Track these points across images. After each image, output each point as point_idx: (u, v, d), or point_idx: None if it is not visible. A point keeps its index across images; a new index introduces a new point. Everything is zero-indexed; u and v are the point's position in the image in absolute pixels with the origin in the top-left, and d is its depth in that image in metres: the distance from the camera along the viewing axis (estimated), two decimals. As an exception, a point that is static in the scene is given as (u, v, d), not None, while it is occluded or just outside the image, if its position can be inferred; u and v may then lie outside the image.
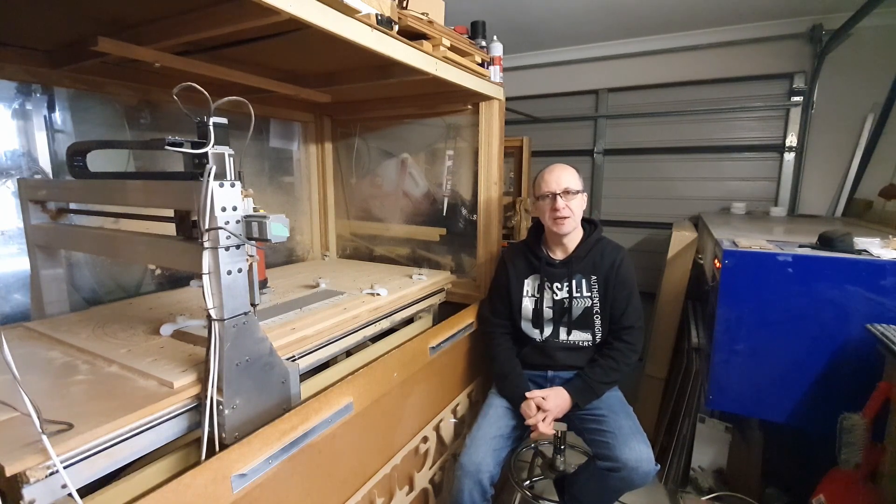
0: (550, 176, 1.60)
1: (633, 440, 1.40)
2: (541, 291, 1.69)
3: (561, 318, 1.67)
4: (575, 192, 1.59)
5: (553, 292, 1.67)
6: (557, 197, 1.57)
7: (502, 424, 1.58)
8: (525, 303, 1.71)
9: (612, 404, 1.57)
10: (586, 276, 1.65)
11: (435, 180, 2.27)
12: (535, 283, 1.71)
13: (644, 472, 1.37)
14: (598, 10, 2.74)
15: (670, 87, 3.29)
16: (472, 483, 1.45)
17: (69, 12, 1.12)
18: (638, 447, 1.38)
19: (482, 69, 1.84)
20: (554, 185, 1.58)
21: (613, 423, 1.48)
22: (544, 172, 1.63)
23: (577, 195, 1.60)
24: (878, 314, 1.49)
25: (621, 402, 1.61)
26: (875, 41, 2.66)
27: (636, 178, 3.49)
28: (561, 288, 1.66)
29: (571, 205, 1.59)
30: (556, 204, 1.57)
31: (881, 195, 2.53)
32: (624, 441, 1.40)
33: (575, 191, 1.59)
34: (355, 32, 1.15)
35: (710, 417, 2.19)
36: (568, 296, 1.65)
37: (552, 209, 1.59)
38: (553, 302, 1.67)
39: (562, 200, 1.57)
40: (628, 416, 1.53)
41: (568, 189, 1.57)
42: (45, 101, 1.46)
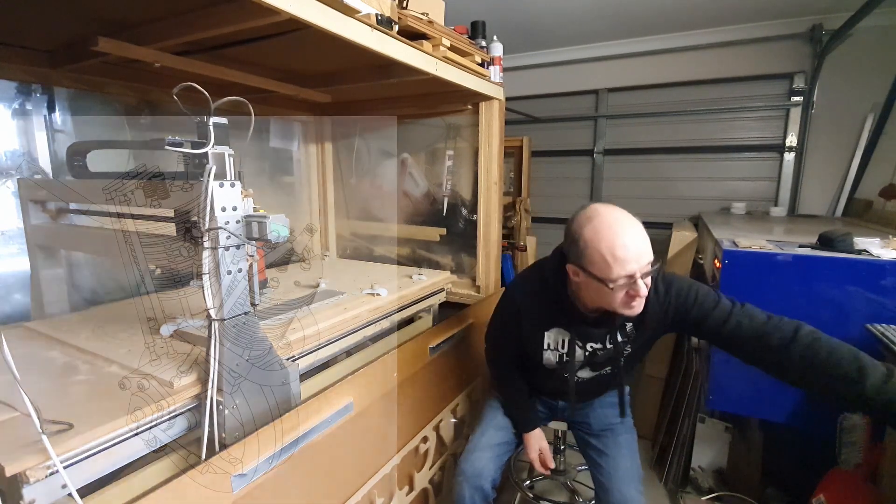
0: (628, 252, 1.07)
1: (625, 485, 1.36)
2: (570, 347, 1.32)
3: (590, 362, 1.36)
4: (660, 265, 1.15)
5: (585, 350, 1.33)
6: (639, 280, 1.08)
7: (505, 432, 1.56)
8: (547, 356, 1.37)
9: (619, 441, 1.47)
10: (622, 327, 1.28)
11: (435, 180, 2.27)
12: (561, 337, 1.34)
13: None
14: (598, 10, 2.74)
15: (670, 87, 3.29)
16: (474, 489, 1.43)
17: (69, 12, 1.12)
18: (628, 491, 1.34)
19: (482, 69, 1.84)
20: (634, 264, 1.07)
21: (613, 458, 1.42)
22: (614, 242, 1.07)
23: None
24: (878, 314, 1.49)
25: (628, 429, 1.51)
26: (875, 41, 2.66)
27: (636, 178, 3.49)
28: (596, 344, 1.31)
29: (648, 281, 1.13)
30: (639, 290, 1.09)
31: (881, 195, 2.53)
32: (617, 485, 1.36)
33: (653, 262, 1.11)
34: (355, 32, 1.15)
35: (710, 417, 2.19)
36: (602, 346, 1.31)
37: (630, 294, 1.11)
38: (584, 356, 1.34)
39: (642, 282, 1.09)
40: (631, 455, 1.44)
41: (650, 264, 1.10)
42: (45, 101, 1.46)
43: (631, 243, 1.07)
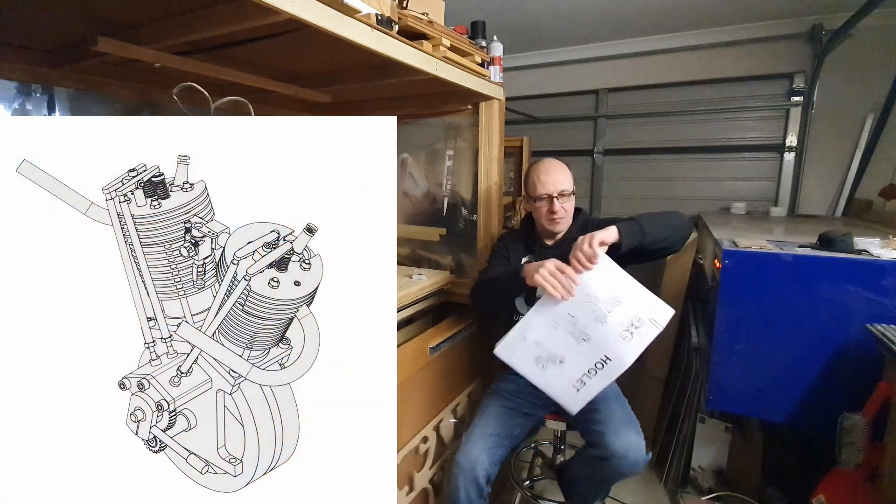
0: (547, 178, 1.57)
1: (623, 428, 1.38)
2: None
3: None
4: (569, 194, 1.59)
5: None
6: (554, 200, 1.57)
7: (499, 424, 1.58)
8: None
9: (605, 394, 1.48)
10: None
11: (435, 180, 2.27)
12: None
13: (633, 461, 1.34)
14: (598, 10, 2.74)
15: (670, 87, 3.29)
16: (468, 480, 1.45)
17: (69, 12, 1.12)
18: (627, 436, 1.36)
19: (482, 69, 1.84)
20: (551, 187, 1.56)
21: (605, 410, 1.45)
22: (539, 172, 1.60)
23: (572, 196, 1.61)
24: (878, 314, 1.48)
25: (616, 392, 1.58)
26: (875, 41, 2.66)
27: (636, 178, 3.49)
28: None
29: (566, 205, 1.59)
30: (553, 206, 1.57)
31: (881, 195, 2.53)
32: (614, 429, 1.38)
33: (569, 192, 1.59)
34: (355, 32, 1.15)
35: (710, 417, 2.19)
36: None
37: (549, 211, 1.58)
38: None
39: (558, 203, 1.57)
40: (621, 405, 1.51)
41: (563, 192, 1.57)
42: (45, 100, 1.46)
43: (551, 174, 1.57)
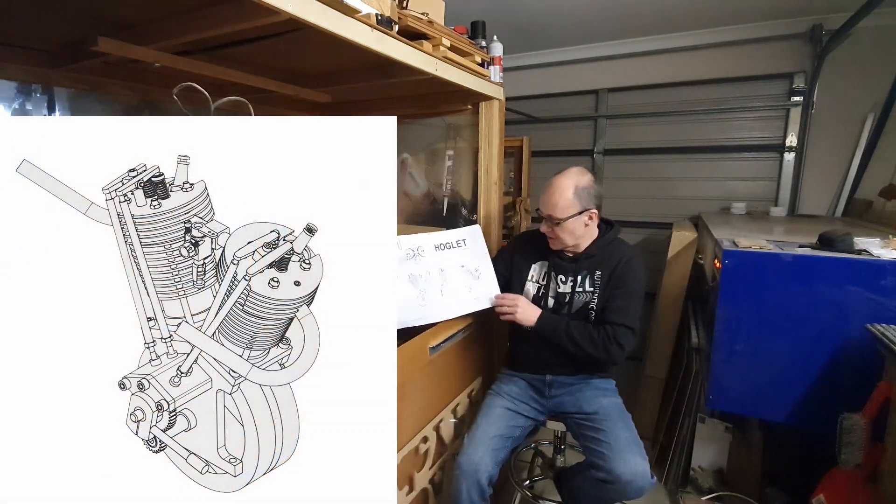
0: (544, 198, 1.57)
1: (629, 453, 1.36)
2: (546, 279, 1.66)
3: (560, 310, 1.63)
4: (560, 221, 1.52)
5: (557, 284, 1.65)
6: (544, 220, 1.58)
7: (501, 424, 1.58)
8: (528, 287, 1.69)
9: (610, 412, 1.51)
10: (591, 272, 1.60)
11: (435, 180, 2.27)
12: (542, 270, 1.68)
13: (638, 487, 1.33)
14: (598, 10, 2.74)
15: (670, 87, 3.29)
16: (470, 483, 1.45)
17: (69, 12, 1.12)
18: (633, 461, 1.34)
19: (482, 69, 1.84)
20: (542, 208, 1.58)
21: (610, 432, 1.44)
22: (544, 188, 1.58)
23: (569, 220, 1.53)
24: (878, 314, 1.49)
25: (620, 409, 1.56)
26: (875, 41, 2.66)
27: (636, 178, 3.49)
28: (566, 281, 1.63)
29: (557, 230, 1.55)
30: (544, 227, 1.60)
31: (881, 195, 2.53)
32: (619, 454, 1.36)
33: (558, 219, 1.53)
34: (355, 32, 1.15)
35: (710, 417, 2.19)
36: (571, 290, 1.62)
37: (546, 227, 1.60)
38: (556, 293, 1.64)
39: (546, 225, 1.58)
40: (626, 425, 1.48)
41: (551, 217, 1.54)
42: (45, 101, 1.46)
43: (548, 195, 1.55)
